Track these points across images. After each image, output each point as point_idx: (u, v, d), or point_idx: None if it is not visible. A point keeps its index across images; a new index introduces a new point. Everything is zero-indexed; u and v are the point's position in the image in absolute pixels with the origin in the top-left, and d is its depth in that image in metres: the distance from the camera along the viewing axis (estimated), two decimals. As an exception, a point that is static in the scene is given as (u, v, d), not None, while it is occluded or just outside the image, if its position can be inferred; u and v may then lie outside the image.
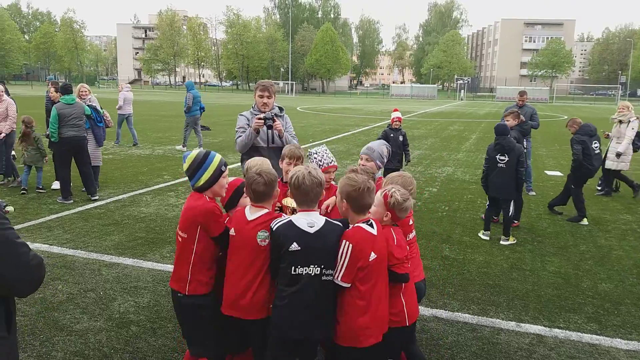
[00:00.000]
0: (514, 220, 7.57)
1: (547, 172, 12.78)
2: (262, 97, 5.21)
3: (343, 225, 2.97)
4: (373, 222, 2.96)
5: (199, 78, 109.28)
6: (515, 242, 6.92)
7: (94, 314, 4.52)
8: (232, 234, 3.07)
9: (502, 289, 5.34)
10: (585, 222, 8.05)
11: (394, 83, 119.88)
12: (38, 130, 9.68)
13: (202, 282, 3.11)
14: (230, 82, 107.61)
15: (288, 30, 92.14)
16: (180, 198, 9.00)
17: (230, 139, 16.92)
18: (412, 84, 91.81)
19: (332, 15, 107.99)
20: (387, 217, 3.09)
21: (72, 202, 8.48)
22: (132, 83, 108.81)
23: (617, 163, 9.76)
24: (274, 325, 2.95)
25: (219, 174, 3.13)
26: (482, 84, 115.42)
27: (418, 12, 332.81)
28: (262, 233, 2.97)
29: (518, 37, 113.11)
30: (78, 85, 9.72)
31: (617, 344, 4.27)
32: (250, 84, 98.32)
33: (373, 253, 2.84)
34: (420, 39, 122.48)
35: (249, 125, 5.12)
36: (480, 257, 6.34)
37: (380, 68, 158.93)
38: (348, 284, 2.86)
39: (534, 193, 10.05)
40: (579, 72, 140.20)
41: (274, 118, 5.05)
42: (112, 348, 3.97)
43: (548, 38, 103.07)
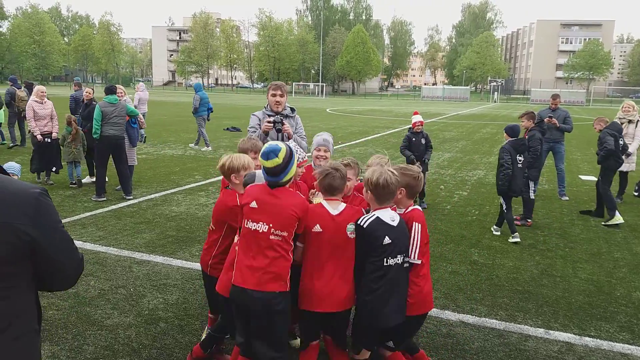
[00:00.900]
0: (528, 219, 7.87)
1: (581, 176, 12.46)
2: (274, 95, 5.34)
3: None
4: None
5: (231, 80, 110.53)
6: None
7: (124, 310, 4.64)
8: (318, 231, 3.20)
9: (531, 295, 5.24)
10: (620, 218, 7.83)
11: (426, 85, 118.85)
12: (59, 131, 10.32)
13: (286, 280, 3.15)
14: (262, 84, 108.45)
15: (319, 32, 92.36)
16: (211, 198, 9.13)
17: (261, 140, 17.08)
18: (444, 86, 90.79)
19: (363, 17, 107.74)
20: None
21: (104, 199, 8.71)
22: (166, 85, 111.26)
23: (628, 164, 9.46)
24: (366, 317, 3.23)
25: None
26: (516, 86, 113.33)
27: (451, 13, 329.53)
28: (350, 226, 3.23)
29: (554, 38, 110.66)
30: (117, 85, 9.99)
31: (651, 355, 4.15)
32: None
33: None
34: (453, 41, 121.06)
35: (260, 126, 5.26)
36: (510, 262, 6.24)
37: (412, 70, 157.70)
38: (419, 261, 3.32)
39: (567, 198, 9.82)
40: (618, 74, 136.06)
41: (283, 121, 5.17)
42: (140, 344, 4.06)
43: (585, 39, 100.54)
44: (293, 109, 5.55)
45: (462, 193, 10.25)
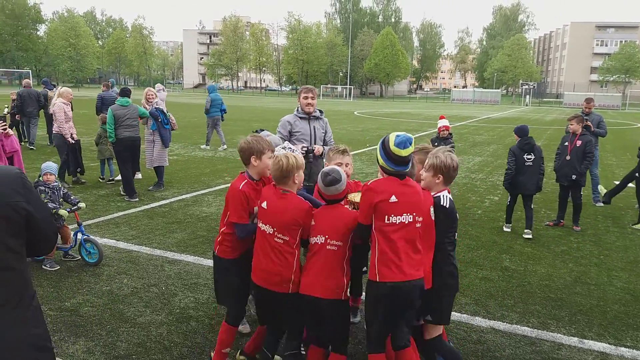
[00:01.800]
0: (560, 220, 8.06)
1: (616, 182, 12.10)
2: (306, 98, 5.68)
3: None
4: None
5: (260, 83, 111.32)
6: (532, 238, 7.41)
7: (156, 308, 4.72)
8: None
9: (564, 303, 5.13)
10: None
11: (456, 87, 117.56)
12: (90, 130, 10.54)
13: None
14: (290, 86, 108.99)
15: (348, 35, 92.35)
16: (240, 199, 9.20)
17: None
18: (474, 89, 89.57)
19: (393, 20, 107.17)
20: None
21: (137, 200, 8.89)
22: (196, 87, 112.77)
23: None
24: (455, 287, 3.51)
25: None
26: (548, 90, 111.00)
27: (482, 15, 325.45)
28: (431, 208, 3.39)
29: (588, 40, 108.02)
30: (145, 89, 10.23)
31: (691, 367, 4.01)
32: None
33: None
34: (484, 43, 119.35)
35: (290, 134, 5.64)
36: (542, 269, 6.12)
37: (442, 72, 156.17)
38: None
39: (602, 204, 9.57)
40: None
41: (313, 150, 5.56)
42: (172, 342, 4.13)
43: (621, 42, 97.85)
44: (321, 111, 5.84)
45: (493, 198, 10.10)
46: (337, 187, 3.35)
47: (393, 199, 3.12)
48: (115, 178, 10.30)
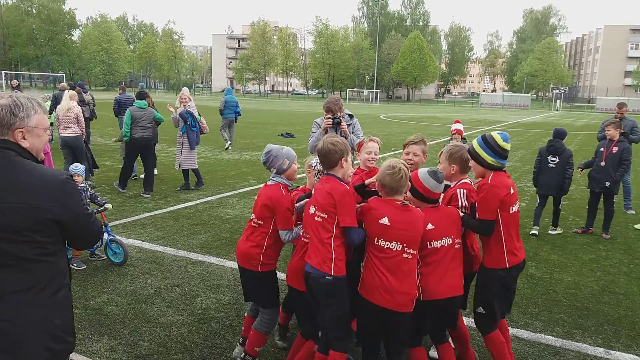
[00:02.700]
0: (589, 228, 7.96)
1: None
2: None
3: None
4: None
5: (287, 87, 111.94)
6: (562, 231, 7.83)
7: (178, 309, 4.79)
8: None
9: (591, 312, 5.01)
10: None
11: (484, 92, 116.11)
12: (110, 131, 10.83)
13: None
14: (316, 90, 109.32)
15: (375, 39, 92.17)
16: (264, 202, 9.27)
17: (314, 146, 17.27)
18: (503, 93, 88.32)
19: (421, 23, 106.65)
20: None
21: (125, 191, 9.53)
22: (224, 91, 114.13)
23: None
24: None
25: None
26: (580, 94, 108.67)
27: (512, 18, 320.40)
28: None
29: (622, 44, 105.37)
30: (180, 92, 10.44)
31: None
32: (335, 93, 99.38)
33: None
34: (514, 47, 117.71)
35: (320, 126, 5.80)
36: (569, 277, 5.98)
37: (470, 76, 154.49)
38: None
39: (633, 212, 9.31)
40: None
41: (341, 119, 5.64)
42: (192, 342, 4.18)
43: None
44: (352, 116, 5.93)
45: (520, 204, 9.90)
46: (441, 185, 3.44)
47: (512, 191, 3.50)
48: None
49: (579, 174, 9.56)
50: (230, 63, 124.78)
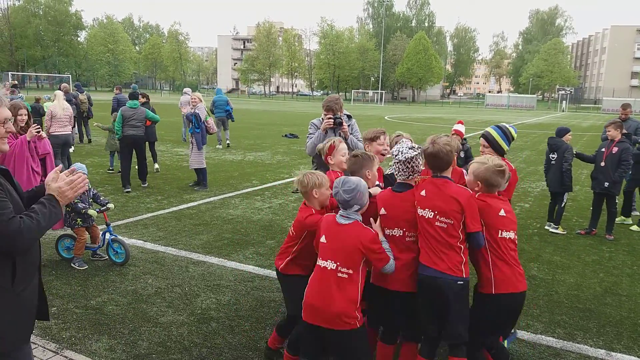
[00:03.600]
0: (593, 229, 7.90)
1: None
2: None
3: None
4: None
5: (292, 88, 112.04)
6: (565, 232, 7.83)
7: (179, 308, 4.79)
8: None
9: (593, 314, 4.97)
10: None
11: (490, 92, 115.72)
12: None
13: None
14: (321, 91, 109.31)
15: (380, 40, 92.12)
16: (266, 202, 9.29)
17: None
18: (509, 94, 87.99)
19: (426, 24, 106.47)
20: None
21: (129, 190, 9.75)
22: (230, 92, 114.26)
23: None
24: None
25: None
26: (586, 95, 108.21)
27: (518, 19, 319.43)
28: None
29: (629, 45, 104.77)
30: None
31: None
32: (340, 94, 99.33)
33: None
34: (520, 47, 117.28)
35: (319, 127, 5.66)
36: (571, 278, 5.95)
37: (476, 77, 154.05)
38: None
39: (637, 213, 9.25)
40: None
41: (342, 120, 5.41)
42: (192, 342, 4.18)
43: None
44: (350, 116, 5.75)
45: (523, 205, 9.89)
46: None
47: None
48: (117, 171, 11.08)
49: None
50: (236, 64, 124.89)
